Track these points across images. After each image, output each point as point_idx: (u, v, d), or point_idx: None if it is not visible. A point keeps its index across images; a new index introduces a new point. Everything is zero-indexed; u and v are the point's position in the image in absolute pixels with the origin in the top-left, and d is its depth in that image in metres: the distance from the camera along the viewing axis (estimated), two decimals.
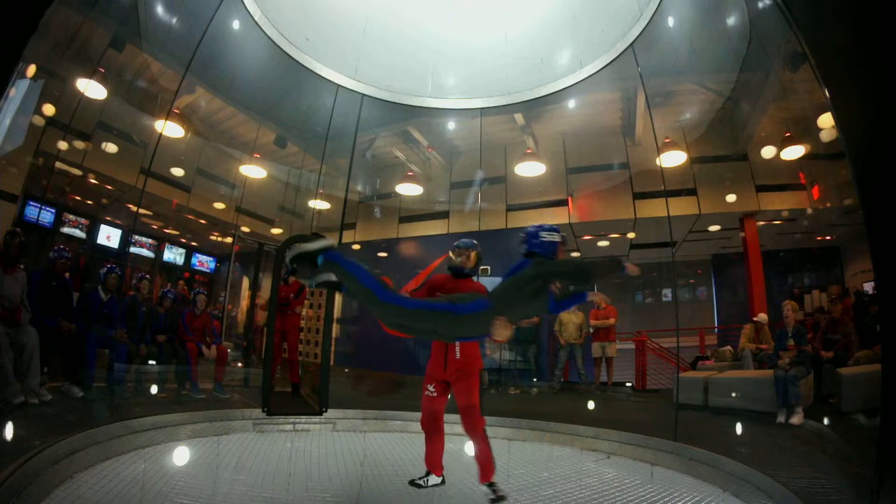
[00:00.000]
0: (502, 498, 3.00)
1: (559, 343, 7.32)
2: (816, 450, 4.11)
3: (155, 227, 8.40)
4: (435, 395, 3.16)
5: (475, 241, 3.24)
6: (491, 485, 3.04)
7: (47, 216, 6.17)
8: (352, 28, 5.39)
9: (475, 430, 3.06)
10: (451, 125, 8.17)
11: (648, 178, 7.50)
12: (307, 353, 5.97)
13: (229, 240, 8.72)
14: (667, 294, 10.91)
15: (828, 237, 7.59)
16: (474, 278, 3.29)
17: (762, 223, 7.69)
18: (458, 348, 3.12)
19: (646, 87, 5.97)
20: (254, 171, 8.24)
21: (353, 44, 5.47)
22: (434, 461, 3.22)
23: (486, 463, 3.06)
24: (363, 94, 5.78)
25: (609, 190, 8.24)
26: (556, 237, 2.67)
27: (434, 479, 3.22)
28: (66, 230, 6.70)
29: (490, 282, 2.91)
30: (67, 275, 4.79)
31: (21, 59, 2.01)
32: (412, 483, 3.20)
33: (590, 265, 2.82)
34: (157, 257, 8.49)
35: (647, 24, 4.87)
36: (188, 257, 9.05)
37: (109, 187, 6.88)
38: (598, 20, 5.15)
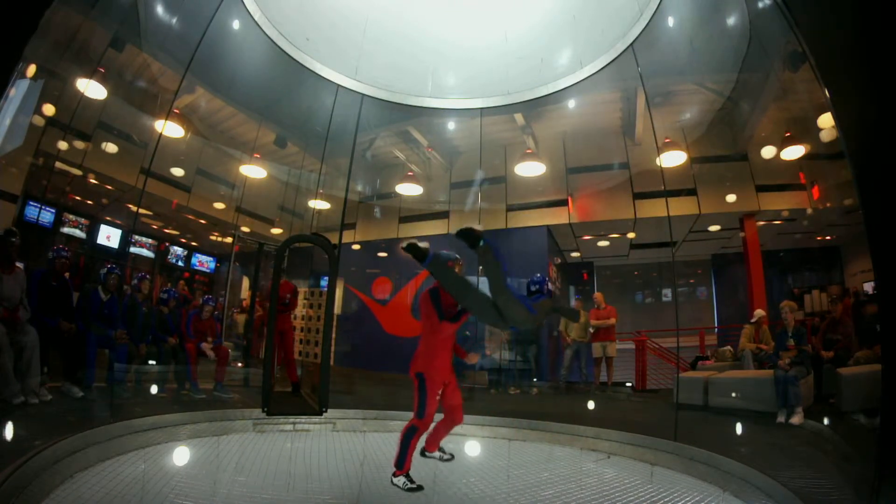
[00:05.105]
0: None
1: (565, 342, 7.33)
2: (816, 450, 4.11)
3: (155, 227, 8.40)
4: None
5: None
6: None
7: (47, 216, 6.17)
8: (352, 28, 5.38)
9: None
10: (451, 125, 8.17)
11: (648, 178, 7.49)
12: (307, 352, 5.97)
13: (229, 240, 8.72)
14: (667, 294, 10.92)
15: (828, 237, 7.59)
16: None
17: (762, 223, 7.69)
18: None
19: (646, 87, 5.97)
20: (254, 171, 8.24)
21: (353, 44, 5.46)
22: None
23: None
24: (363, 94, 5.77)
25: (609, 190, 8.24)
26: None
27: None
28: (66, 230, 6.70)
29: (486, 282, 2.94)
30: (67, 275, 4.79)
31: (21, 59, 2.01)
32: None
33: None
34: (157, 257, 8.49)
35: (647, 24, 4.86)
36: (188, 257, 9.05)
37: (109, 187, 6.88)
38: (598, 20, 5.14)
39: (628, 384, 7.69)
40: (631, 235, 9.06)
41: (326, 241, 3.80)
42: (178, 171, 7.66)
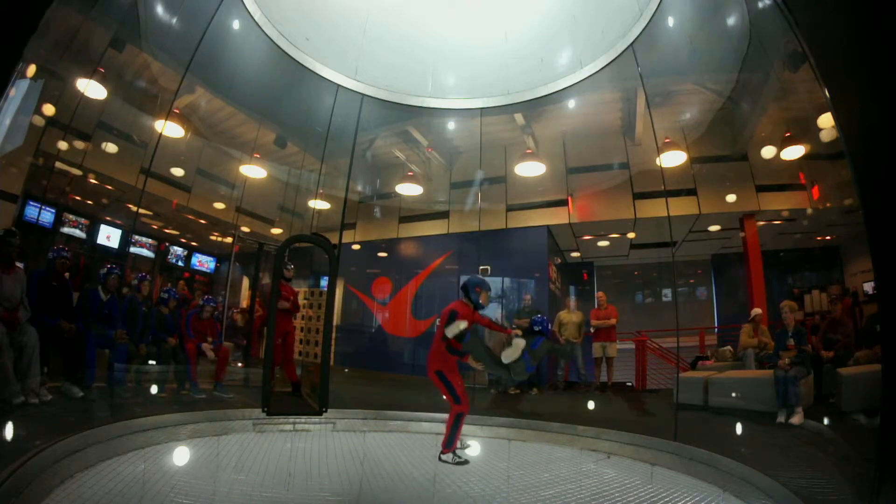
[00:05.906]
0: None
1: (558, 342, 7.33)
2: (816, 450, 4.11)
3: (155, 227, 8.40)
4: None
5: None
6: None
7: (47, 216, 6.16)
8: (352, 28, 5.38)
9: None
10: (451, 125, 8.16)
11: (648, 178, 7.49)
12: (307, 353, 5.97)
13: (229, 240, 8.72)
14: (667, 294, 10.90)
15: (828, 237, 7.58)
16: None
17: (762, 223, 7.68)
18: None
19: (646, 87, 5.97)
20: (254, 171, 8.23)
21: (353, 44, 5.45)
22: None
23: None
24: (363, 94, 5.77)
25: (609, 190, 8.24)
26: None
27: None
28: (66, 230, 6.69)
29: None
30: (67, 275, 4.78)
31: (21, 59, 2.00)
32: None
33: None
34: (157, 257, 8.49)
35: (647, 24, 4.86)
36: (188, 257, 9.05)
37: (109, 187, 6.87)
38: (598, 20, 5.14)
39: (628, 384, 7.69)
40: (631, 235, 9.06)
41: (326, 241, 3.80)
42: (178, 171, 7.66)
